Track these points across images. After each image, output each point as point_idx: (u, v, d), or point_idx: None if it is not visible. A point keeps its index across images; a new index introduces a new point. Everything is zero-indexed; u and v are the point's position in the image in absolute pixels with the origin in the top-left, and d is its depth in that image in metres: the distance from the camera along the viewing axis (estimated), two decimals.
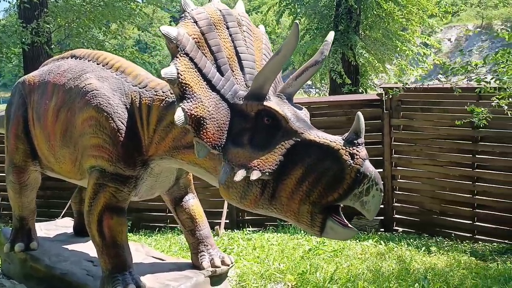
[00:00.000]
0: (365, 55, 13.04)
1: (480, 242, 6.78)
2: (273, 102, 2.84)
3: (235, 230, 7.83)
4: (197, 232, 4.06)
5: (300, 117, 2.85)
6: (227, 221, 7.99)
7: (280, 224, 7.75)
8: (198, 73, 2.88)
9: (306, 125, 2.80)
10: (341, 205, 2.70)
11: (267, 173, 2.69)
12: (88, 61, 3.99)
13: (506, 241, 6.60)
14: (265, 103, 2.82)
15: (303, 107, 3.11)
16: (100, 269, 3.63)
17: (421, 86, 6.21)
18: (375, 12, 13.79)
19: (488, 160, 6.83)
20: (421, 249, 6.27)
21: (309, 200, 2.64)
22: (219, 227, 7.53)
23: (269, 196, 2.76)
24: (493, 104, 5.30)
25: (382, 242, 6.61)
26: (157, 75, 3.19)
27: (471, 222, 6.98)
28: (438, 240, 6.89)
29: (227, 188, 2.88)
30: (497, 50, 5.21)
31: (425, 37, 14.55)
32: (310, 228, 2.71)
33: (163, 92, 3.45)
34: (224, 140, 2.86)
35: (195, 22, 2.96)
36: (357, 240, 6.70)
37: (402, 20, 13.02)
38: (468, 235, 6.93)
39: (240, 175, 2.74)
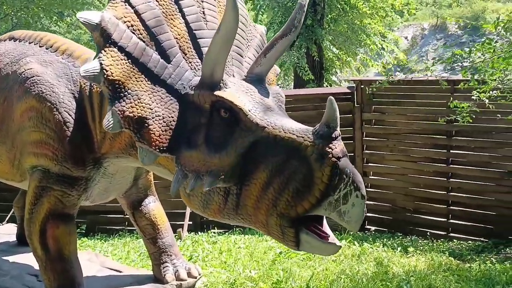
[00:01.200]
0: (333, 49, 12.73)
1: (455, 240, 6.55)
2: (229, 91, 2.35)
3: (199, 232, 7.33)
4: (159, 240, 3.56)
5: (266, 106, 2.38)
6: (190, 222, 7.48)
7: None
8: (132, 64, 2.37)
9: (272, 115, 2.33)
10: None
11: (223, 180, 2.25)
12: (29, 43, 3.43)
13: (481, 239, 6.40)
14: (217, 92, 2.33)
15: (277, 88, 2.64)
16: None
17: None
18: (339, 6, 13.53)
19: (463, 155, 6.61)
20: (397, 250, 5.97)
21: (276, 211, 2.19)
22: (182, 230, 7.01)
23: (234, 205, 2.31)
24: (474, 97, 5.03)
25: (355, 242, 6.27)
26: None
27: (445, 219, 6.74)
28: (412, 239, 6.61)
29: (187, 196, 2.44)
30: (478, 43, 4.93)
31: (389, 32, 14.44)
32: (284, 242, 2.27)
33: None
34: (175, 141, 2.37)
35: (127, 1, 2.44)
36: None
37: (366, 10, 12.78)
38: (443, 233, 6.69)
39: (192, 183, 2.30)
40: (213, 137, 2.33)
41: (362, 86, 7.15)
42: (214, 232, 7.24)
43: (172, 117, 2.39)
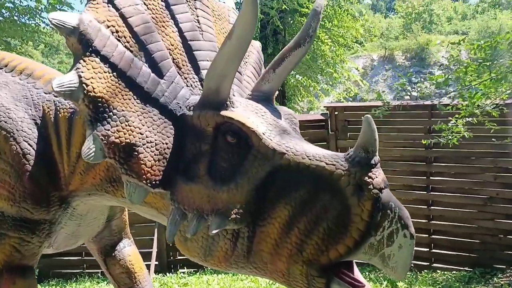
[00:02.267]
0: (297, 77, 12.62)
1: (438, 271, 6.27)
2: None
3: (167, 273, 6.74)
4: None
5: (281, 129, 2.00)
6: (157, 263, 6.86)
7: None
8: (118, 78, 1.94)
9: (290, 139, 1.95)
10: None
11: (236, 221, 1.83)
12: None
13: (466, 268, 6.15)
14: (224, 112, 1.94)
15: (288, 109, 2.27)
16: None
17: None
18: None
19: (443, 182, 6.41)
20: (383, 284, 5.61)
21: (302, 258, 1.79)
22: (148, 271, 6.39)
23: (245, 251, 1.90)
24: (450, 124, 4.85)
25: None
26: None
27: (428, 249, 6.46)
28: None
29: (184, 240, 1.99)
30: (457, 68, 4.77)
31: (349, 61, 14.55)
32: None
33: None
34: (170, 173, 1.95)
35: (110, 2, 2.03)
36: None
37: (328, 41, 12.83)
38: (426, 263, 6.40)
39: (195, 226, 1.86)
40: (219, 167, 1.91)
41: (336, 113, 6.90)
42: (183, 273, 6.67)
43: (166, 144, 1.96)
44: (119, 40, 1.99)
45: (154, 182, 1.91)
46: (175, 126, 2.01)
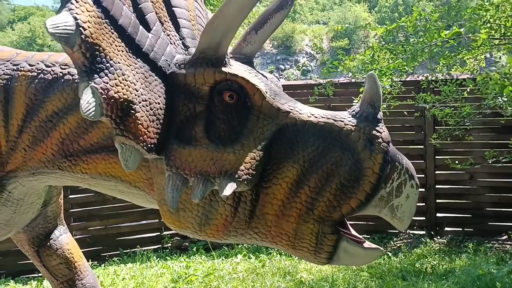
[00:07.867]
0: None
1: None
2: (235, 68, 1.88)
3: None
4: (78, 282, 2.73)
5: (277, 89, 1.96)
6: None
7: (122, 253, 6.39)
8: (111, 26, 1.74)
9: (289, 99, 1.92)
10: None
11: (247, 182, 1.76)
12: None
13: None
14: (226, 69, 1.85)
15: (270, 74, 2.21)
16: None
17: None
18: None
19: None
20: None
21: (313, 216, 1.79)
22: None
23: (247, 216, 1.84)
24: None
25: (251, 255, 5.93)
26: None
27: None
28: None
29: (176, 211, 1.84)
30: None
31: None
32: (313, 255, 1.85)
33: (30, 66, 2.14)
34: (163, 136, 1.81)
35: None
36: (223, 258, 5.90)
37: None
38: None
39: (201, 190, 1.74)
40: (217, 129, 1.81)
41: None
42: None
43: (158, 104, 1.80)
44: None
45: (149, 146, 1.75)
46: (165, 85, 1.86)
